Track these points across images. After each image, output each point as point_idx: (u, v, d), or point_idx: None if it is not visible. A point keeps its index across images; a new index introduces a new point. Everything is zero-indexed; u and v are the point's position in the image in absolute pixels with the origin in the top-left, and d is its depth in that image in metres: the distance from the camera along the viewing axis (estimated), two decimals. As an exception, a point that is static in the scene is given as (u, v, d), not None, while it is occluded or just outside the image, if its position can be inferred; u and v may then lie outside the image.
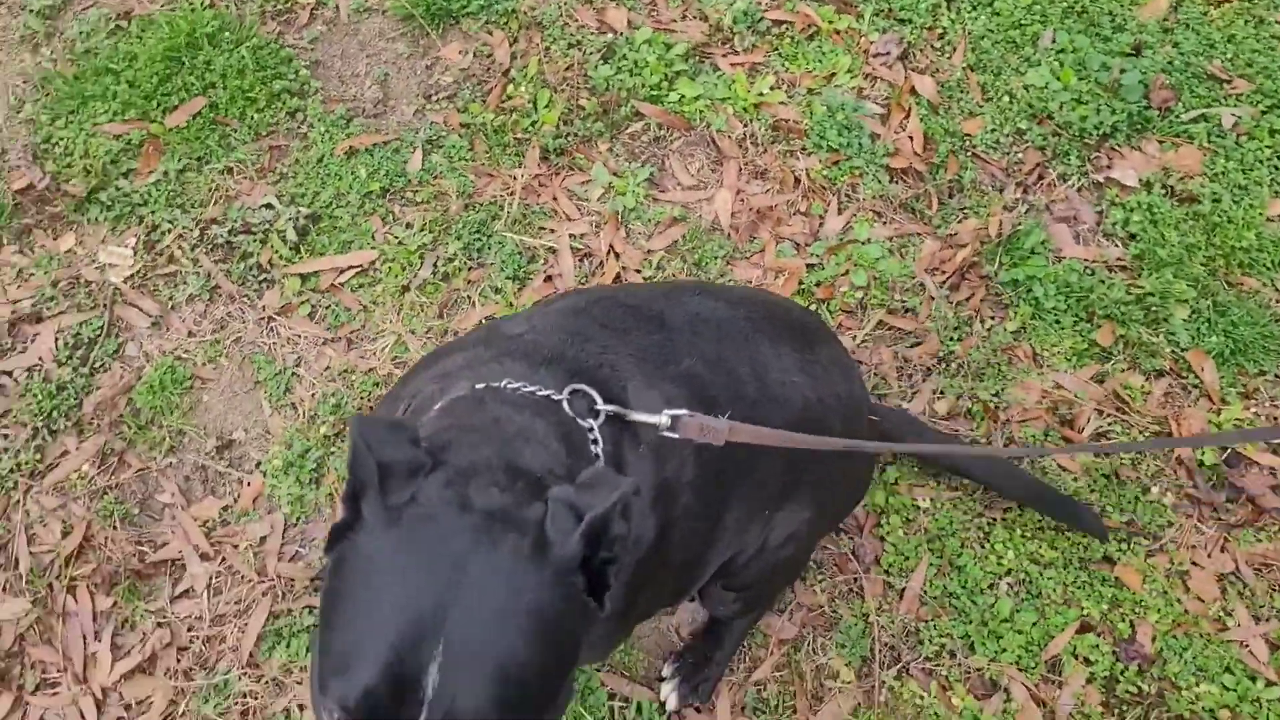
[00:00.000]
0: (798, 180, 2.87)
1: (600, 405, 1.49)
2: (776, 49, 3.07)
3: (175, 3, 3.02)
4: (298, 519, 2.42)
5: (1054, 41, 3.06)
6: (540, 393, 1.47)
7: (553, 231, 2.78)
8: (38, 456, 2.44)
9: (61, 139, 2.80)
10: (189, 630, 2.30)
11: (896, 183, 2.89)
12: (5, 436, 2.46)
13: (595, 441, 1.45)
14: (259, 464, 2.47)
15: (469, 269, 2.72)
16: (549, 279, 2.72)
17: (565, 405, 1.47)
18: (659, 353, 1.65)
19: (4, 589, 2.32)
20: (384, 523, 1.16)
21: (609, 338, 1.62)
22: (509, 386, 1.48)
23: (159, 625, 2.30)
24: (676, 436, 1.51)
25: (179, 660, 2.27)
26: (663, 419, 1.50)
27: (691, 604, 2.41)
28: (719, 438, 1.52)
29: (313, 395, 2.54)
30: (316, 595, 2.34)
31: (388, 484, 1.18)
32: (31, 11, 2.95)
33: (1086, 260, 2.78)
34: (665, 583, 1.74)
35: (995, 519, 2.49)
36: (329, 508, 2.42)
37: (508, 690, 1.06)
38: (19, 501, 2.40)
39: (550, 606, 1.13)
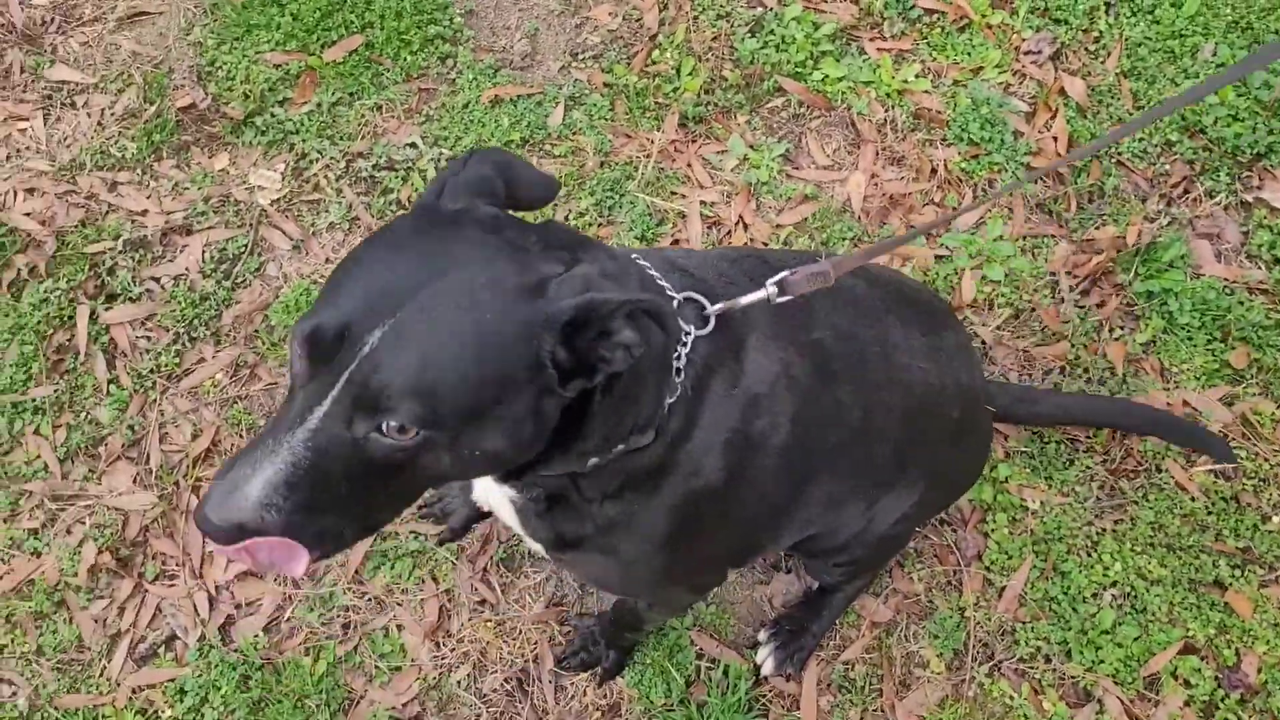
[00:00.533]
0: (934, 170, 2.85)
1: (709, 309, 1.43)
2: (925, 37, 3.04)
3: (342, -57, 3.12)
4: (412, 448, 2.49)
5: (1214, 54, 2.97)
6: (660, 280, 1.43)
7: (684, 197, 2.80)
8: (176, 361, 2.56)
9: (225, 64, 2.92)
10: (301, 541, 2.39)
11: (1036, 182, 2.84)
12: (149, 339, 2.58)
13: (678, 358, 1.39)
14: (381, 391, 2.55)
15: (599, 224, 2.75)
16: (675, 243, 2.75)
17: (675, 303, 1.42)
18: (794, 316, 1.61)
19: (134, 481, 2.44)
20: (418, 210, 1.25)
21: (751, 288, 1.61)
22: (639, 261, 1.44)
23: (273, 533, 2.39)
24: (788, 298, 1.47)
25: (289, 568, 2.36)
26: (769, 289, 1.47)
27: (786, 575, 2.42)
28: (828, 279, 1.49)
29: (437, 332, 2.61)
30: (423, 522, 2.40)
31: (450, 186, 1.25)
32: (207, -60, 3.07)
33: (1226, 280, 2.71)
34: (722, 539, 1.70)
35: (1105, 529, 2.45)
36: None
37: (425, 376, 1.09)
38: (155, 401, 2.52)
39: (505, 338, 1.14)
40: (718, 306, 1.44)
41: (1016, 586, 2.39)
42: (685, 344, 1.39)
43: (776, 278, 1.48)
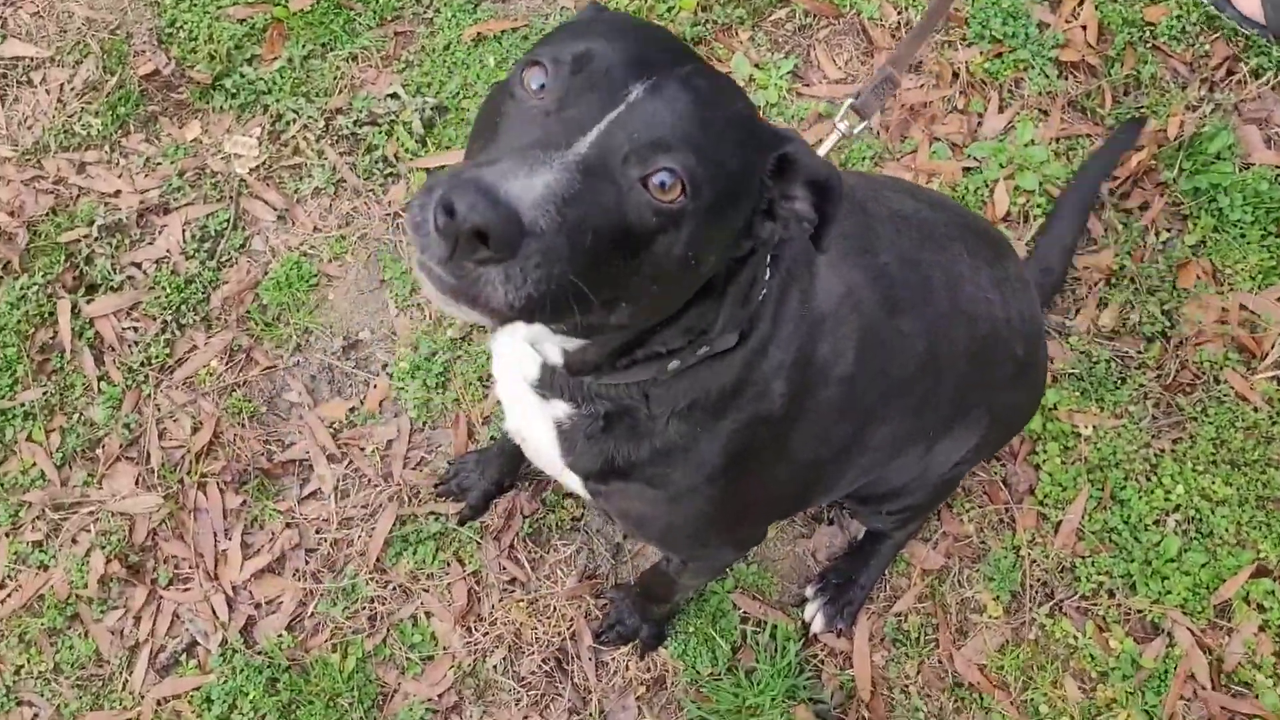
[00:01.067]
0: (955, 74, 2.64)
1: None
2: (936, -73, 2.79)
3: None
4: (424, 424, 2.36)
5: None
6: None
7: (689, 127, 2.60)
8: (167, 351, 2.42)
9: (186, 23, 2.71)
10: (317, 532, 2.28)
11: (1066, 78, 2.63)
12: (136, 330, 2.44)
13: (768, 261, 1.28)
14: (385, 365, 2.41)
15: (600, 166, 2.57)
16: (684, 178, 2.56)
17: None
18: (860, 237, 1.47)
19: (136, 483, 2.32)
20: None
21: None
22: None
23: (288, 526, 2.28)
24: (866, 124, 1.40)
25: (307, 562, 2.25)
26: (840, 125, 1.39)
27: (829, 527, 2.29)
28: (894, 82, 1.40)
29: (439, 296, 2.45)
30: (442, 501, 2.28)
31: None
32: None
33: (1279, 167, 2.51)
34: (775, 481, 1.56)
35: (1164, 450, 2.30)
36: (456, 413, 2.35)
37: (701, 134, 1.01)
38: (150, 395, 2.38)
39: (757, 136, 1.10)
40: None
41: (1073, 519, 2.25)
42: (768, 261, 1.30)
43: (846, 104, 1.34)
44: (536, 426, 1.47)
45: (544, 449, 1.49)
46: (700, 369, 1.31)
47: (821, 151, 1.32)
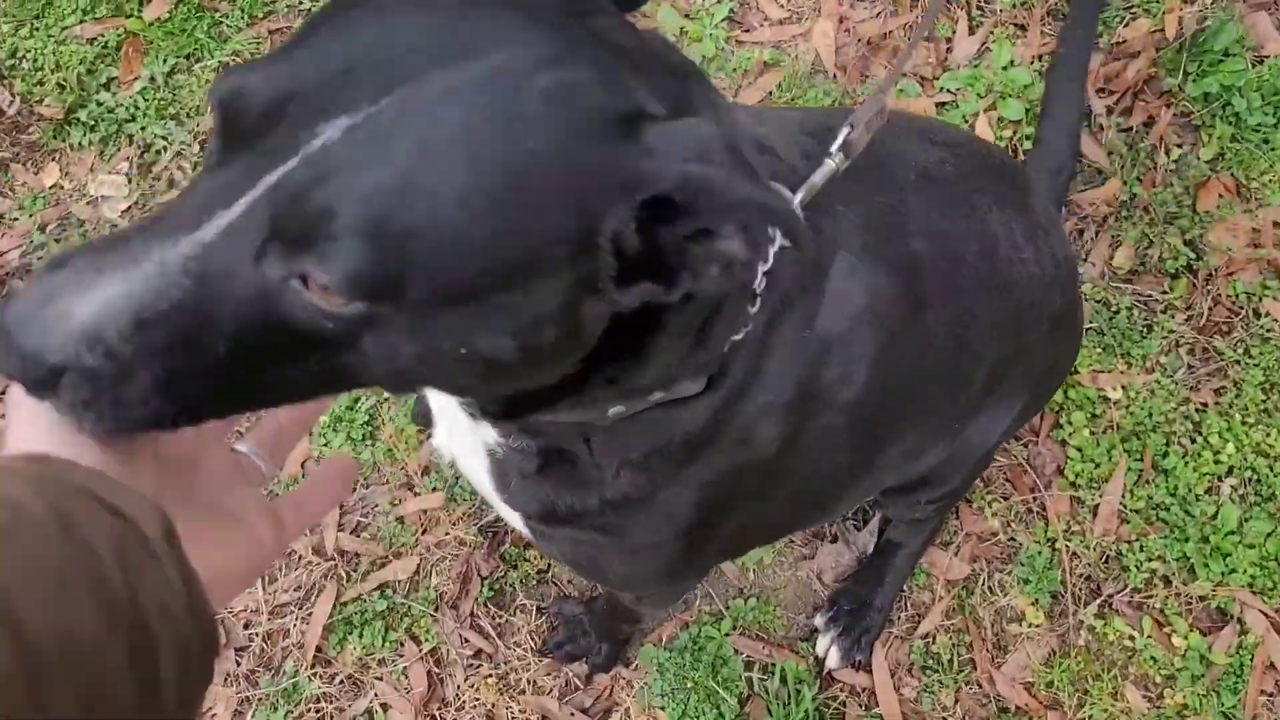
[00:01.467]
0: (915, -4, 2.29)
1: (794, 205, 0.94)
2: None
3: None
4: (355, 483, 2.04)
5: None
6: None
7: (618, 97, 2.26)
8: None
9: (28, 51, 2.35)
10: (245, 627, 1.96)
11: (1041, -17, 2.28)
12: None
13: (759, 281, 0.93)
14: (302, 421, 2.08)
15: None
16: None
17: None
18: (887, 220, 1.15)
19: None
20: None
21: (842, 180, 1.05)
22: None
23: (211, 623, 1.97)
24: (853, 147, 0.99)
25: (239, 663, 1.94)
26: (833, 159, 0.98)
27: (833, 545, 1.98)
28: (884, 113, 1.02)
29: (355, 331, 2.12)
30: (384, 570, 1.97)
31: None
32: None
33: (1299, 56, 2.17)
34: (757, 519, 1.27)
35: (1206, 404, 1.99)
36: (389, 466, 2.04)
37: (398, 211, 0.65)
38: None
39: (551, 182, 0.68)
40: (796, 197, 0.95)
41: (1112, 500, 1.94)
42: (767, 261, 0.92)
43: (838, 141, 0.99)
44: (466, 448, 1.16)
45: (473, 474, 1.19)
46: (657, 414, 0.99)
47: (816, 180, 0.97)
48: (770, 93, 2.23)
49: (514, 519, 1.21)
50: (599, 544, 1.19)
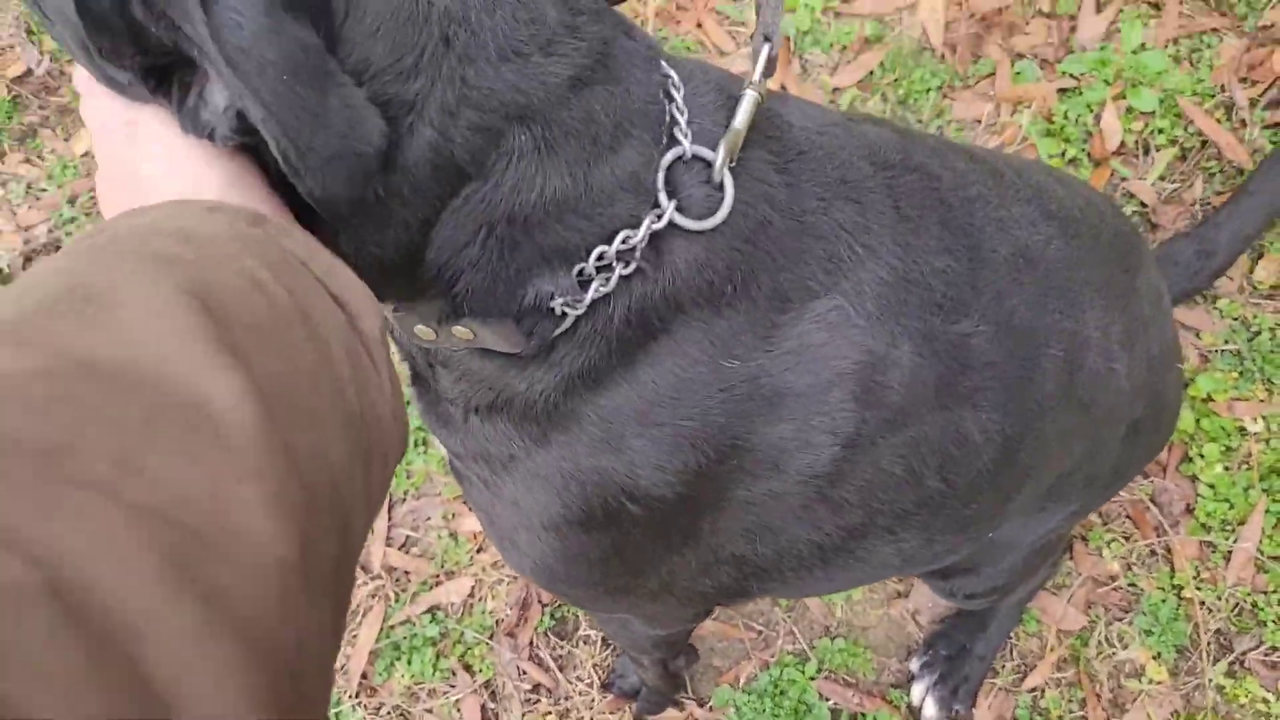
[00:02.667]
0: (1036, -33, 2.05)
1: (716, 167, 0.78)
2: None
3: None
4: (405, 494, 1.87)
5: None
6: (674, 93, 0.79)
7: (702, 73, 2.04)
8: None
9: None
10: (285, 649, 1.80)
11: (1180, -43, 2.04)
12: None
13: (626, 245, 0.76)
14: (350, 422, 1.91)
15: (594, 135, 2.03)
16: (702, 140, 2.02)
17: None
18: (935, 288, 0.92)
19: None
20: None
21: (892, 227, 0.90)
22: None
23: (248, 642, 1.81)
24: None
25: (277, 688, 1.79)
26: (756, 88, 0.80)
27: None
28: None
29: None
30: (437, 592, 1.81)
31: None
32: None
33: None
34: (680, 565, 1.03)
35: (1357, 440, 1.77)
36: (443, 477, 1.86)
37: None
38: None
39: None
40: (718, 156, 0.78)
41: (1248, 545, 1.74)
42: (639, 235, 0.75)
43: (760, 61, 0.82)
44: None
45: None
46: (482, 365, 0.84)
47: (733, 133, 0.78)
48: (871, 72, 2.01)
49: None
50: (479, 497, 1.00)
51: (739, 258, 0.81)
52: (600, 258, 0.75)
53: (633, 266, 0.77)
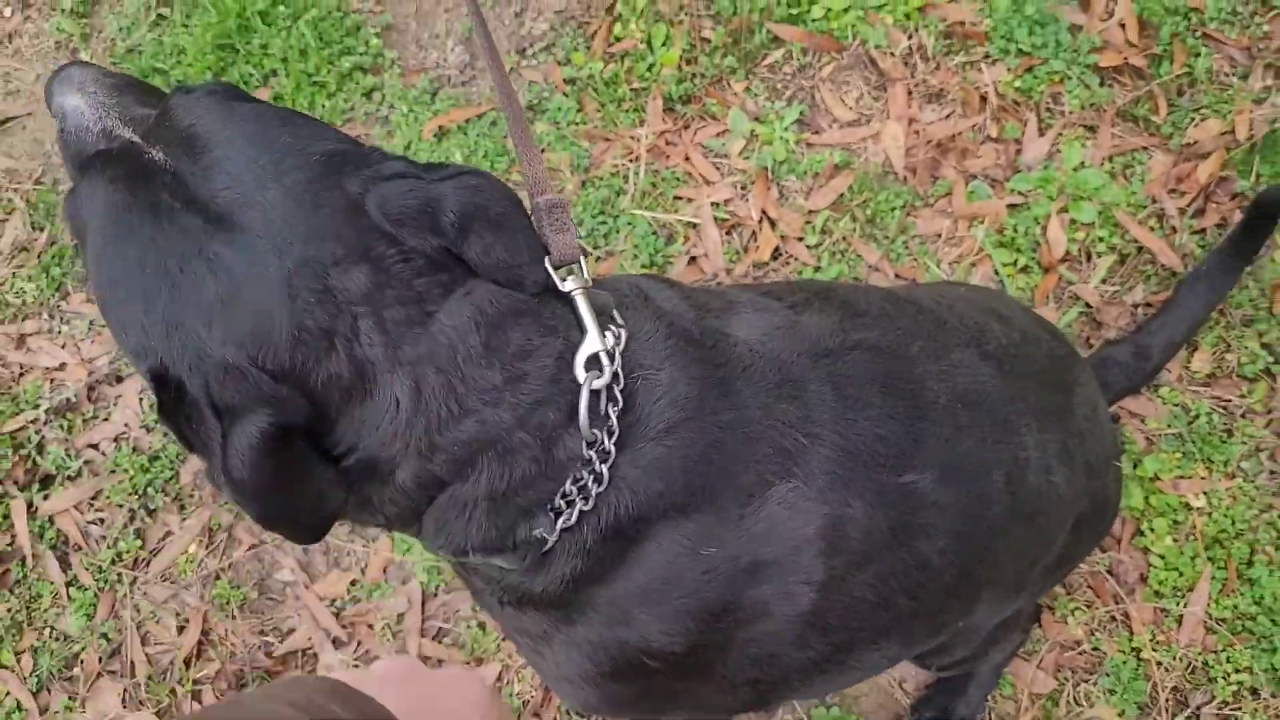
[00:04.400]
0: (983, 98, 2.31)
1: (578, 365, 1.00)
2: (936, -68, 2.47)
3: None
4: (437, 588, 2.06)
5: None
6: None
7: (690, 201, 2.30)
8: (139, 542, 2.13)
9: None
10: (331, 735, 1.98)
11: (1109, 85, 2.30)
12: (101, 522, 2.15)
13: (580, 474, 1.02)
14: (385, 526, 2.11)
15: (596, 259, 2.27)
16: (693, 260, 2.26)
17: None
18: (876, 450, 1.12)
19: (123, 701, 2.04)
20: None
21: (832, 409, 1.11)
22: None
23: (298, 730, 1.99)
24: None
25: (325, 772, 1.96)
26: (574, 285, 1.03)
27: (916, 653, 1.98)
28: (562, 208, 1.08)
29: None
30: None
31: None
32: (63, 12, 2.54)
33: (1372, 156, 2.18)
34: (694, 706, 1.29)
35: (1290, 510, 1.98)
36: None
37: None
38: (126, 596, 2.10)
39: None
40: (585, 350, 1.01)
41: (1197, 609, 1.93)
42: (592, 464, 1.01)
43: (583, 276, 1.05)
44: None
45: None
46: (502, 575, 1.11)
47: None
48: (842, 195, 2.26)
49: None
50: (529, 659, 1.29)
51: (696, 479, 1.04)
52: (564, 495, 1.01)
53: (591, 503, 1.01)
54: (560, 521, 1.01)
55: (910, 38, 2.36)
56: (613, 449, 1.00)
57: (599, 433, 0.99)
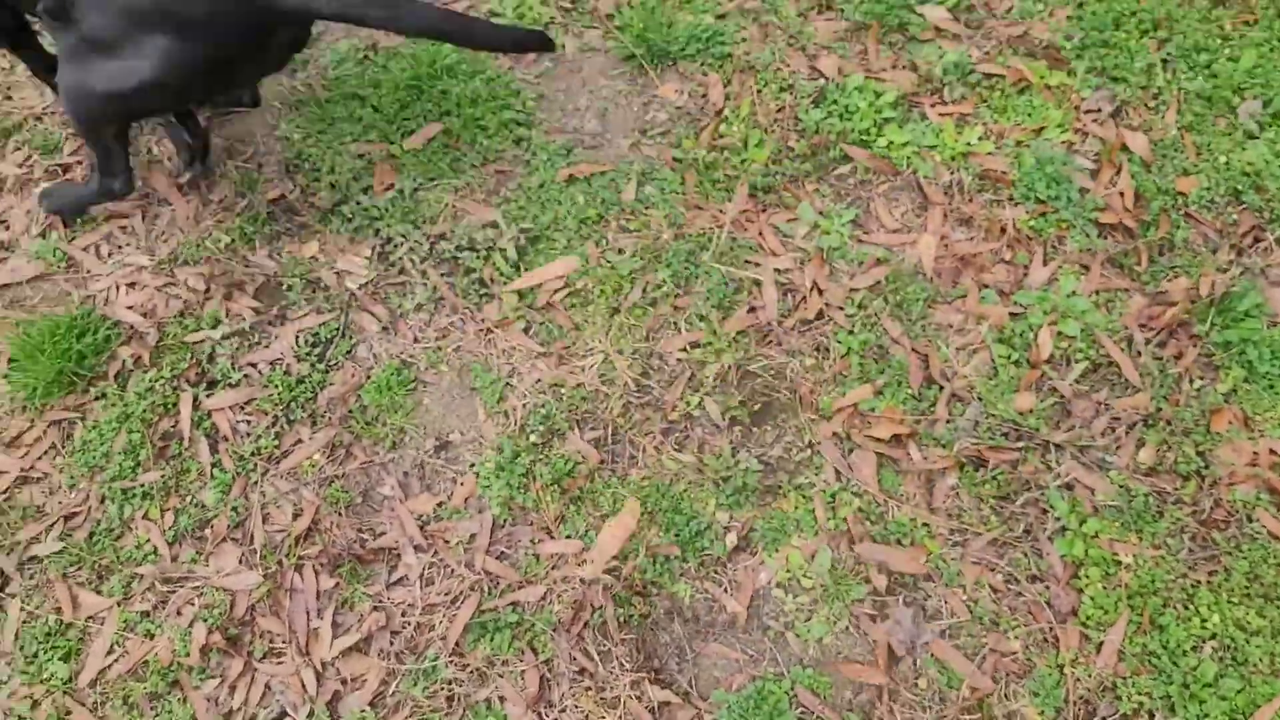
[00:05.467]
0: (1003, 229, 2.90)
1: None
2: (986, 101, 3.11)
3: (418, 42, 3.26)
4: (505, 520, 2.55)
5: (1262, 109, 3.02)
6: None
7: (758, 265, 2.87)
8: (275, 443, 2.64)
9: (310, 155, 3.05)
10: (402, 615, 2.44)
11: (1105, 237, 2.88)
12: (249, 423, 2.67)
13: None
14: (472, 465, 2.62)
15: (676, 296, 2.82)
16: (752, 310, 2.81)
17: None
18: None
19: (240, 562, 2.51)
20: None
21: None
22: None
23: (375, 609, 2.45)
24: None
25: (392, 643, 2.41)
26: None
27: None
28: None
29: (524, 405, 2.68)
30: (519, 592, 2.45)
31: None
32: (291, 39, 3.22)
33: (1305, 326, 2.72)
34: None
35: (1200, 581, 2.44)
36: (535, 513, 2.54)
37: None
38: (256, 483, 2.60)
39: None
40: None
41: (1115, 641, 2.38)
42: None
43: None
44: None
45: None
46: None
47: None
48: (879, 281, 2.82)
49: None
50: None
51: None
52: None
53: None
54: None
55: (952, 174, 2.97)
56: None
57: None
